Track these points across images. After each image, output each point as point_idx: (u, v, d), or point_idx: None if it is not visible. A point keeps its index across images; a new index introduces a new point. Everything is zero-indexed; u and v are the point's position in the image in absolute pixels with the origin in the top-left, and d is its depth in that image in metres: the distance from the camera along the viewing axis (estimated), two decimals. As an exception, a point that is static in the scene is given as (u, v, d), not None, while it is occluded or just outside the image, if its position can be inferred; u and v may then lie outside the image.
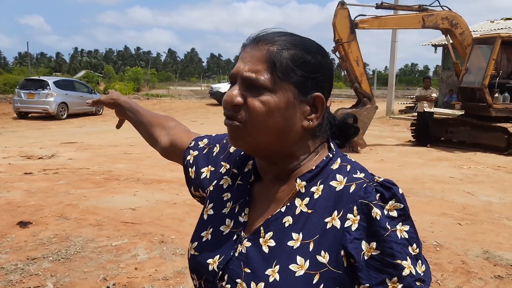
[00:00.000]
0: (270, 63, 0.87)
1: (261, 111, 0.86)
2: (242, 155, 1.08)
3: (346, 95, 41.88)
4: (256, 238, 0.91)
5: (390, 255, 0.81)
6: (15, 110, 17.11)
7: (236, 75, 0.90)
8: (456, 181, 7.57)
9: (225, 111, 0.91)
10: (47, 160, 8.62)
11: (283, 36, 0.91)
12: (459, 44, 11.17)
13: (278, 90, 0.87)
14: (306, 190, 0.91)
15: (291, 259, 0.85)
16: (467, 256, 4.27)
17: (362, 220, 0.84)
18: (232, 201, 1.02)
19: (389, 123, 18.11)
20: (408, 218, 0.85)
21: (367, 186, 0.87)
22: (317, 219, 0.88)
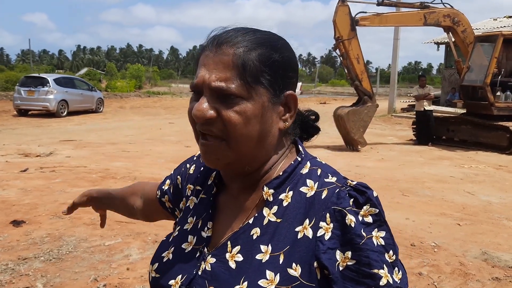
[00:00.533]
0: (238, 68, 0.80)
1: (239, 123, 0.80)
2: (202, 170, 1.03)
3: (348, 93, 41.85)
4: (221, 253, 0.85)
5: (367, 264, 0.76)
6: (15, 107, 17.08)
7: (201, 85, 0.82)
8: (457, 181, 7.48)
9: (196, 127, 0.84)
10: (44, 158, 8.57)
11: (246, 34, 0.84)
12: (461, 42, 11.07)
13: (251, 96, 0.80)
14: (274, 198, 0.85)
15: (260, 274, 0.79)
16: (465, 257, 4.19)
17: (335, 228, 0.79)
18: (195, 216, 0.96)
19: (391, 121, 18.02)
20: (384, 224, 0.81)
21: (340, 191, 0.81)
22: (287, 229, 0.82)
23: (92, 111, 19.16)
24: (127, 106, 23.43)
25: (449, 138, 11.78)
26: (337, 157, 9.43)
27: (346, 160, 9.04)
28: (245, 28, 0.86)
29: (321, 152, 9.91)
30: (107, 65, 51.95)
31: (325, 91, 51.85)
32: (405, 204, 5.94)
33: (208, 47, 0.84)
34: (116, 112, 19.96)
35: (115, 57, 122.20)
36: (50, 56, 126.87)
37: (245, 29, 0.86)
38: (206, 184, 0.99)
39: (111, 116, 18.08)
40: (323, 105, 27.41)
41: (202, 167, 1.03)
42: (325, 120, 16.70)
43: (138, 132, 12.82)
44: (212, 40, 0.84)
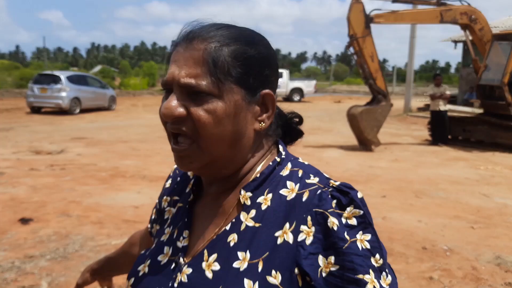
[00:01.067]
0: (209, 64, 0.75)
1: (209, 122, 0.75)
2: (179, 181, 0.99)
3: (364, 91, 41.43)
4: (197, 263, 0.80)
5: (351, 269, 0.71)
6: (28, 104, 17.26)
7: (171, 82, 0.77)
8: (472, 182, 7.31)
9: (167, 126, 0.80)
10: (55, 155, 8.61)
11: (220, 29, 0.79)
12: (478, 40, 10.83)
13: (223, 94, 0.76)
14: (251, 201, 0.81)
15: (237, 283, 0.74)
16: (478, 261, 4.06)
17: (317, 232, 0.74)
18: (171, 226, 0.91)
19: (407, 121, 17.79)
20: (369, 226, 0.75)
21: (322, 193, 0.77)
22: (266, 234, 0.77)
23: (105, 108, 19.26)
24: (139, 104, 23.54)
25: (465, 139, 11.55)
26: (349, 157, 9.31)
27: (359, 160, 8.91)
28: (220, 23, 0.81)
29: (333, 152, 9.79)
30: (121, 63, 52.34)
31: (340, 90, 51.49)
32: (418, 206, 5.80)
33: (180, 42, 0.79)
34: (128, 110, 20.05)
35: (129, 55, 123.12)
36: (64, 54, 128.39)
37: (219, 24, 0.81)
38: (184, 193, 0.95)
39: (123, 114, 18.16)
40: (338, 103, 27.23)
41: (179, 177, 0.99)
42: (339, 119, 16.65)
43: (149, 130, 12.82)
44: (184, 35, 0.80)
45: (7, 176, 6.73)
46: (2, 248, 4.11)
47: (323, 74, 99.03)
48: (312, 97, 31.48)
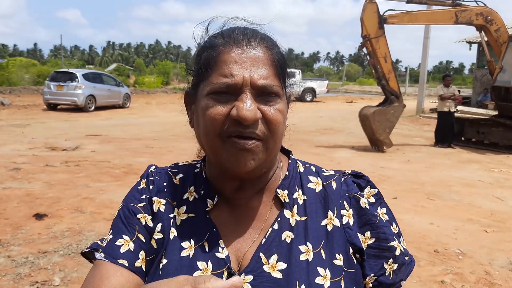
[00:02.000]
0: (276, 65, 0.78)
1: (280, 122, 0.78)
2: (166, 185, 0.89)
3: (376, 92, 41.19)
4: (257, 268, 0.78)
5: (384, 239, 0.85)
6: (45, 101, 17.51)
7: (241, 85, 0.74)
8: (485, 185, 7.23)
9: (224, 129, 0.75)
10: (70, 152, 8.72)
11: (259, 31, 0.81)
12: (494, 41, 10.69)
13: (283, 94, 0.80)
14: (289, 199, 0.85)
15: (313, 273, 0.78)
16: (492, 266, 4.02)
17: (354, 213, 0.85)
18: (192, 240, 0.82)
19: (419, 122, 17.63)
20: (383, 200, 0.89)
21: (346, 180, 0.88)
22: (315, 224, 0.83)
23: (119, 106, 19.45)
24: (153, 102, 23.69)
25: (479, 141, 11.42)
26: (361, 158, 9.27)
27: (371, 161, 8.87)
28: (252, 24, 0.83)
29: (345, 152, 9.76)
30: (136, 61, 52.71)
31: (352, 90, 51.26)
32: (430, 208, 5.76)
33: (233, 41, 0.77)
34: (142, 108, 20.20)
35: (144, 53, 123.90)
36: (81, 52, 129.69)
37: (253, 27, 0.82)
38: (182, 200, 0.87)
39: (137, 112, 18.31)
40: (350, 104, 27.10)
41: (165, 182, 0.90)
42: (351, 119, 16.54)
43: (163, 128, 12.92)
44: (235, 33, 0.79)
45: (23, 171, 6.84)
46: (17, 243, 4.18)
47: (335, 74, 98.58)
48: (324, 97, 31.36)
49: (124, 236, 0.84)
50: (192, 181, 0.89)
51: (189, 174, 0.91)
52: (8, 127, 12.16)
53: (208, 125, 0.76)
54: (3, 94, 21.71)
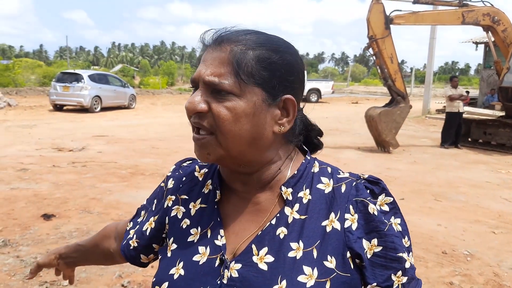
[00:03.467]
0: (233, 65, 0.80)
1: (227, 118, 0.80)
2: (184, 180, 1.00)
3: (381, 93, 41.08)
4: (247, 258, 0.84)
5: (393, 249, 0.83)
6: (51, 102, 17.55)
7: (198, 80, 0.84)
8: (493, 186, 7.19)
9: (190, 120, 0.85)
10: (77, 152, 8.76)
11: (248, 34, 0.84)
12: (501, 41, 10.63)
13: (244, 94, 0.81)
14: (293, 196, 0.87)
15: (297, 271, 0.80)
16: (500, 267, 4.00)
17: (360, 218, 0.84)
18: (199, 227, 0.92)
19: (425, 123, 17.57)
20: (398, 211, 0.87)
21: (357, 184, 0.87)
22: (314, 224, 0.84)
23: (125, 107, 19.50)
24: (158, 102, 23.76)
25: (486, 142, 11.37)
26: (367, 159, 9.25)
27: (377, 162, 8.85)
28: (250, 29, 0.86)
29: (351, 153, 9.74)
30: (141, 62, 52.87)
31: (357, 91, 51.13)
32: (437, 209, 5.74)
33: (210, 45, 0.85)
34: (147, 109, 20.25)
35: (149, 54, 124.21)
36: (86, 53, 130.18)
37: (249, 30, 0.86)
38: (197, 193, 0.97)
39: (142, 113, 18.35)
40: (355, 104, 27.03)
41: (184, 177, 1.01)
42: (356, 120, 16.48)
43: (168, 129, 12.95)
44: (214, 38, 0.85)
45: (30, 172, 6.88)
46: (25, 243, 4.21)
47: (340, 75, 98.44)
48: (329, 97, 31.31)
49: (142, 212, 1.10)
50: (211, 175, 0.97)
51: (212, 168, 0.99)
52: (15, 127, 12.23)
53: None
54: (9, 95, 21.83)
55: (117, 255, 1.14)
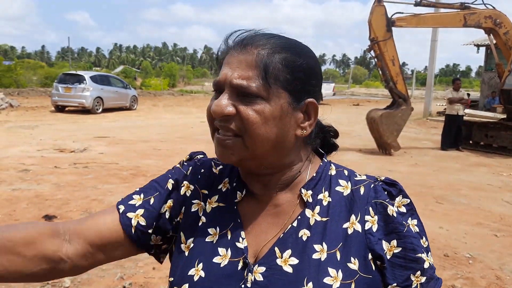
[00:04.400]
0: (261, 68, 0.80)
1: (256, 122, 0.80)
2: (203, 172, 0.98)
3: (382, 95, 41.08)
4: (270, 261, 0.83)
5: (412, 250, 0.84)
6: (53, 103, 17.56)
7: (223, 83, 0.83)
8: (495, 189, 7.18)
9: (214, 122, 0.84)
10: (78, 153, 8.76)
11: (272, 38, 0.84)
12: (503, 44, 10.63)
13: (271, 97, 0.81)
14: (313, 199, 0.88)
15: (323, 273, 0.81)
16: (502, 271, 4.00)
17: (379, 220, 0.85)
18: (218, 227, 0.90)
19: (426, 125, 17.57)
20: (415, 212, 0.89)
21: (376, 186, 0.88)
22: (336, 226, 0.85)
23: (126, 108, 19.50)
24: (160, 104, 23.77)
25: (487, 144, 11.36)
26: (368, 161, 9.24)
27: (378, 164, 8.84)
28: (271, 33, 0.87)
29: (352, 155, 9.73)
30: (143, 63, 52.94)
31: (358, 93, 51.10)
32: (439, 212, 5.73)
33: (234, 47, 0.85)
34: (149, 110, 20.26)
35: (150, 55, 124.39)
36: (88, 54, 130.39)
37: (270, 34, 0.87)
38: (217, 190, 0.95)
39: (144, 114, 18.36)
40: (356, 107, 27.03)
41: (202, 169, 0.98)
42: (357, 122, 16.43)
43: (170, 130, 12.95)
44: (238, 41, 0.85)
45: (32, 173, 6.88)
46: (27, 244, 4.21)
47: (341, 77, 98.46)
48: (330, 99, 31.37)
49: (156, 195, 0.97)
50: (228, 173, 0.96)
51: (228, 166, 0.98)
52: (17, 128, 12.24)
53: (206, 115, 0.86)
54: (11, 96, 21.86)
55: (69, 260, 0.87)
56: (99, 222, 0.92)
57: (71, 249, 0.88)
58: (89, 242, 0.89)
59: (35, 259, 0.84)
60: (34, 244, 0.84)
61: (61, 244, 0.87)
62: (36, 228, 0.86)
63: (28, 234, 0.84)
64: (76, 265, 0.89)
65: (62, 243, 0.88)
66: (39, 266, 0.85)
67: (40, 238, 0.85)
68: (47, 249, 0.85)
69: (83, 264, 0.90)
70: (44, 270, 0.86)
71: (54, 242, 0.87)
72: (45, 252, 0.85)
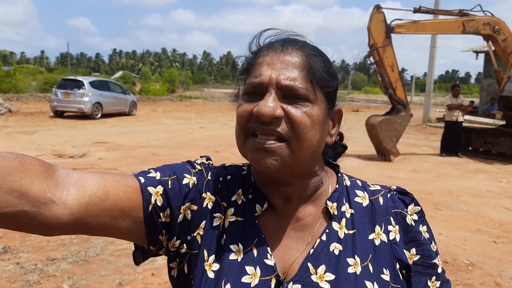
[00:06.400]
0: (308, 70, 0.77)
1: (307, 125, 0.76)
2: (221, 181, 0.89)
3: (382, 101, 41.15)
4: (305, 277, 0.79)
5: (428, 256, 0.86)
6: (52, 108, 17.58)
7: (267, 84, 0.76)
8: (494, 195, 7.18)
9: (249, 126, 0.77)
10: (77, 159, 8.75)
11: (304, 41, 0.83)
12: (502, 51, 10.67)
13: (316, 100, 0.78)
14: (337, 211, 0.86)
15: (360, 286, 0.79)
16: (502, 277, 3.99)
17: (400, 230, 0.86)
18: (241, 244, 0.83)
19: (426, 131, 17.59)
20: (424, 218, 0.90)
21: (392, 196, 0.89)
22: (363, 238, 0.84)
23: (125, 114, 19.52)
24: (159, 109, 23.78)
25: (486, 151, 11.37)
26: (368, 167, 9.24)
27: (378, 170, 8.84)
28: (299, 37, 0.85)
29: (352, 162, 9.73)
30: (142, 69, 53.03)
31: (358, 99, 51.26)
32: (438, 218, 5.73)
33: (272, 47, 0.80)
34: (148, 116, 20.27)
35: (150, 61, 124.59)
36: (87, 59, 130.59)
37: (300, 37, 0.85)
38: (230, 202, 0.87)
39: (143, 119, 18.37)
40: (356, 113, 27.06)
41: (221, 177, 0.89)
42: (357, 128, 16.43)
43: (169, 136, 12.95)
44: (273, 42, 0.82)
45: (30, 178, 6.87)
46: (26, 249, 4.19)
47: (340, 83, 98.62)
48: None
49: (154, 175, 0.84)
50: (240, 183, 0.89)
51: (237, 176, 0.90)
52: (16, 134, 12.23)
53: (237, 123, 0.79)
54: (10, 101, 21.88)
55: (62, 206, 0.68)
56: (116, 179, 0.77)
57: (70, 194, 0.69)
58: (98, 196, 0.73)
59: (14, 194, 0.63)
60: (20, 174, 0.64)
61: (55, 186, 0.68)
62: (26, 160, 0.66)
63: (12, 163, 0.63)
64: (68, 215, 0.68)
65: (57, 185, 0.68)
66: (15, 205, 0.63)
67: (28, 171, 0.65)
68: (34, 185, 0.65)
69: (77, 217, 0.70)
70: (20, 212, 0.64)
71: (47, 183, 0.67)
72: (29, 188, 0.64)
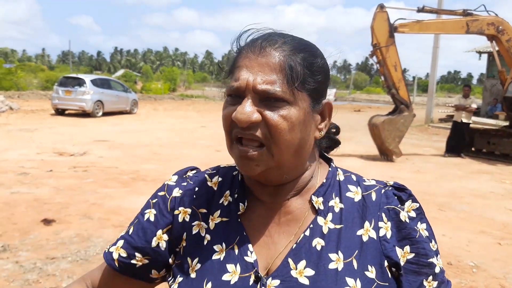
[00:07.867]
0: (285, 71, 0.76)
1: (284, 128, 0.76)
2: (198, 191, 0.91)
3: (384, 101, 41.10)
4: (285, 273, 0.79)
5: (424, 255, 0.83)
6: (53, 106, 17.53)
7: (245, 88, 0.76)
8: (497, 197, 7.13)
9: (233, 131, 0.79)
10: (78, 157, 8.71)
11: (287, 38, 0.80)
12: (506, 51, 10.60)
13: (296, 101, 0.77)
14: (324, 206, 0.84)
15: (341, 283, 0.77)
16: (506, 279, 3.94)
17: (392, 226, 0.83)
18: (224, 243, 0.85)
19: (428, 131, 17.53)
20: (424, 216, 0.87)
21: (386, 191, 0.86)
22: (350, 234, 0.82)
23: (127, 112, 19.45)
24: (160, 108, 23.75)
25: (490, 152, 11.31)
26: (370, 167, 9.19)
27: (380, 171, 8.79)
28: (282, 33, 0.83)
29: (354, 162, 9.68)
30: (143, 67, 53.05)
31: (359, 99, 51.17)
32: (441, 219, 5.68)
33: (250, 49, 0.79)
34: (149, 114, 20.23)
35: (151, 60, 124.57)
36: (88, 58, 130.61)
37: (282, 33, 0.82)
38: (215, 205, 0.89)
39: (144, 118, 18.32)
40: (358, 112, 27.01)
41: (197, 187, 0.92)
42: (359, 128, 16.42)
43: (170, 134, 12.91)
44: (254, 42, 0.80)
45: (31, 176, 6.83)
46: (25, 248, 4.15)
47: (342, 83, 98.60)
48: (332, 106, 31.28)
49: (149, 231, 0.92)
50: (229, 185, 0.91)
51: (228, 177, 0.93)
52: (17, 131, 12.20)
53: (223, 124, 0.81)
54: (11, 99, 21.84)
55: None
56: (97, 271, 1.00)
57: None
58: None
59: None
60: None
61: None
62: None
63: None
64: None
65: None
66: None
67: None
68: None
69: None
70: None
71: None
72: None
